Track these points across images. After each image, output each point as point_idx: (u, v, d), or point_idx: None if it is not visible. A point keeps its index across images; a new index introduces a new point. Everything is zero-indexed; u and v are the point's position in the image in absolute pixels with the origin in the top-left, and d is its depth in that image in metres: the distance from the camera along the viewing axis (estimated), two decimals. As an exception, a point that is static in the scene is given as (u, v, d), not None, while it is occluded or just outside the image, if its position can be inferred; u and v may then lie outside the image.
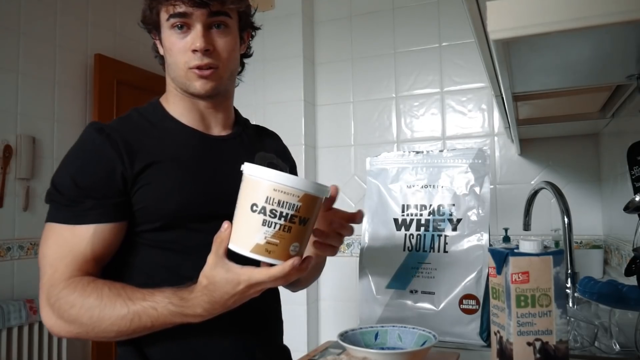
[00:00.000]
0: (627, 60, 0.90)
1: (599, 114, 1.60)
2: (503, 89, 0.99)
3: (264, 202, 0.67)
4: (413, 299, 1.06)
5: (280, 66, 2.42)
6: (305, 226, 0.69)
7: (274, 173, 0.67)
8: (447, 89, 2.30)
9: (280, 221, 0.67)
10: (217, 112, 0.95)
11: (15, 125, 2.20)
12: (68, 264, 0.80)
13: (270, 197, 0.66)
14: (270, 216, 0.67)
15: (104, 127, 0.87)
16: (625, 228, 1.57)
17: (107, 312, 0.76)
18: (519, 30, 0.57)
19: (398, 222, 1.12)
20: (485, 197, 1.06)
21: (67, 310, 0.77)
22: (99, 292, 0.77)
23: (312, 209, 0.69)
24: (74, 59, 2.49)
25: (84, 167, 0.83)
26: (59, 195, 0.82)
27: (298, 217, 0.67)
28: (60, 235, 0.81)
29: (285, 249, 0.68)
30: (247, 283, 0.69)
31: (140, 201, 0.83)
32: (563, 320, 0.71)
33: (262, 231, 0.67)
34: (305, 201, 0.67)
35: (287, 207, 0.67)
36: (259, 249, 0.67)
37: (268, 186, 0.67)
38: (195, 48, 0.84)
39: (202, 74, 0.86)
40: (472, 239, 1.05)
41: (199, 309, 0.73)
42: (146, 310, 0.75)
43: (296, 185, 0.67)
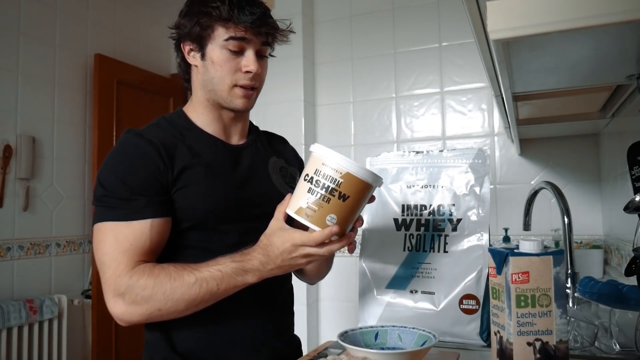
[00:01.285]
0: (627, 60, 0.90)
1: (599, 114, 1.60)
2: (503, 89, 0.99)
3: (313, 173, 0.78)
4: (413, 299, 1.06)
5: (280, 66, 2.42)
6: (345, 202, 0.77)
7: (328, 151, 0.78)
8: (447, 89, 2.30)
9: (321, 191, 0.77)
10: (238, 123, 1.05)
11: (15, 125, 2.20)
12: (131, 256, 0.86)
13: (319, 170, 0.78)
14: (315, 185, 0.78)
15: (142, 132, 0.94)
16: (625, 228, 1.57)
17: (177, 284, 0.83)
18: (519, 30, 0.57)
19: (398, 222, 1.12)
20: (485, 197, 1.06)
21: (139, 293, 0.84)
22: (166, 270, 0.85)
23: (354, 189, 0.77)
24: (74, 59, 2.49)
25: (132, 168, 0.89)
26: (109, 196, 0.88)
27: (338, 191, 0.77)
28: (119, 231, 0.87)
29: (322, 216, 0.77)
30: (293, 241, 0.80)
31: (179, 200, 0.91)
32: (563, 320, 0.71)
33: (306, 197, 0.78)
34: (348, 179, 0.77)
35: (329, 180, 0.77)
36: (301, 211, 0.79)
37: (319, 161, 0.78)
38: (249, 70, 0.95)
39: (247, 93, 0.97)
40: (472, 239, 1.05)
41: (255, 262, 0.83)
42: (212, 274, 0.84)
43: (342, 163, 0.77)
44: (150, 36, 2.95)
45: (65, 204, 2.43)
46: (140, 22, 2.88)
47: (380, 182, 0.80)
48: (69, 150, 2.46)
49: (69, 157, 2.46)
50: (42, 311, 2.14)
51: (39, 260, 2.27)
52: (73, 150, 2.48)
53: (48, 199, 2.33)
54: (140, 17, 2.88)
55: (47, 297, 2.19)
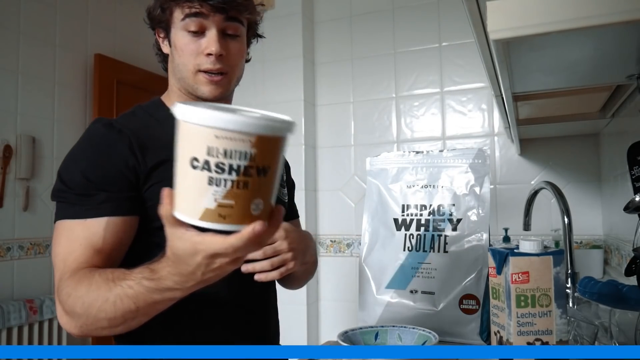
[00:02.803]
0: (627, 60, 0.90)
1: (599, 114, 1.60)
2: (503, 89, 0.99)
3: (206, 155, 0.51)
4: (413, 299, 1.06)
5: (280, 66, 2.42)
6: (267, 177, 0.54)
7: (214, 114, 0.50)
8: (447, 89, 2.30)
9: (231, 176, 0.51)
10: None
11: (15, 125, 2.20)
12: (77, 257, 0.77)
13: (214, 147, 0.51)
14: (218, 172, 0.51)
15: (112, 122, 0.85)
16: (625, 228, 1.57)
17: (93, 297, 0.70)
18: (519, 30, 0.57)
19: (398, 222, 1.12)
20: (485, 197, 1.06)
21: (66, 301, 0.74)
22: (89, 279, 0.73)
23: (272, 153, 0.54)
24: (74, 59, 2.49)
25: (95, 161, 0.81)
26: (68, 191, 0.80)
27: (255, 167, 0.52)
28: (72, 230, 0.79)
29: (244, 209, 0.53)
30: (204, 253, 0.57)
31: (152, 198, 0.82)
32: (563, 320, 0.71)
33: (209, 192, 0.52)
34: (261, 145, 0.52)
35: (237, 157, 0.51)
36: (210, 215, 0.52)
37: (208, 133, 0.51)
38: (210, 52, 0.84)
39: (213, 79, 0.86)
40: (472, 239, 1.05)
41: (169, 282, 0.64)
42: (125, 291, 0.68)
43: (245, 127, 0.50)
44: (150, 36, 2.95)
45: (65, 204, 2.43)
46: (140, 22, 2.86)
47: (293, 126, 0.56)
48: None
49: (69, 157, 2.46)
50: (42, 311, 2.13)
51: (39, 260, 2.27)
52: (73, 150, 2.49)
53: (48, 199, 2.33)
54: (140, 17, 2.86)
55: (47, 297, 2.19)
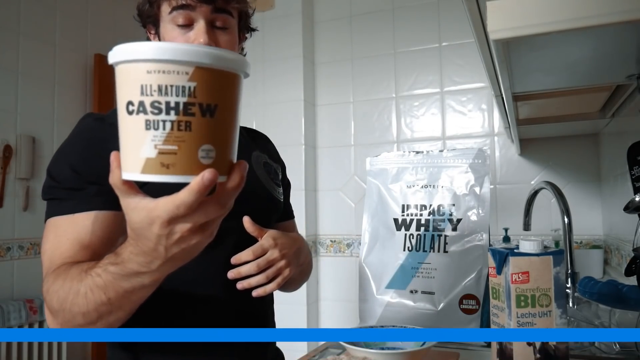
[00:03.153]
0: (627, 60, 0.90)
1: (599, 114, 1.60)
2: (503, 89, 0.99)
3: (139, 95, 0.45)
4: (413, 299, 1.06)
5: (280, 66, 2.42)
6: (216, 118, 0.47)
7: (141, 46, 0.45)
8: (447, 89, 2.30)
9: (169, 117, 0.45)
10: None
11: (15, 125, 2.20)
12: (63, 252, 0.75)
13: (147, 84, 0.45)
14: (154, 112, 0.45)
15: (104, 117, 0.83)
16: (625, 228, 1.57)
17: (67, 290, 0.66)
18: (519, 30, 0.57)
19: (398, 222, 1.12)
20: (485, 197, 1.06)
21: (45, 298, 0.71)
22: (66, 273, 0.69)
23: (221, 90, 0.47)
24: (74, 59, 2.49)
25: (85, 154, 0.79)
26: (58, 186, 0.78)
27: (197, 104, 0.45)
28: (60, 227, 0.77)
29: (190, 156, 0.46)
30: (160, 220, 0.49)
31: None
32: (563, 320, 0.71)
33: (148, 138, 0.45)
34: (203, 78, 0.45)
35: (174, 92, 0.45)
36: (152, 165, 0.45)
37: (139, 69, 0.45)
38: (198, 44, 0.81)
39: None
40: (472, 239, 1.05)
41: (133, 264, 0.57)
42: (94, 280, 0.63)
43: (179, 55, 0.44)
44: (150, 36, 2.95)
45: (65, 204, 2.42)
46: (140, 22, 2.88)
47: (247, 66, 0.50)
48: (69, 150, 2.46)
49: (69, 157, 2.46)
50: (42, 311, 2.13)
51: (39, 260, 2.25)
52: (73, 150, 2.48)
53: (48, 199, 2.33)
54: (140, 17, 2.88)
55: (47, 297, 2.19)
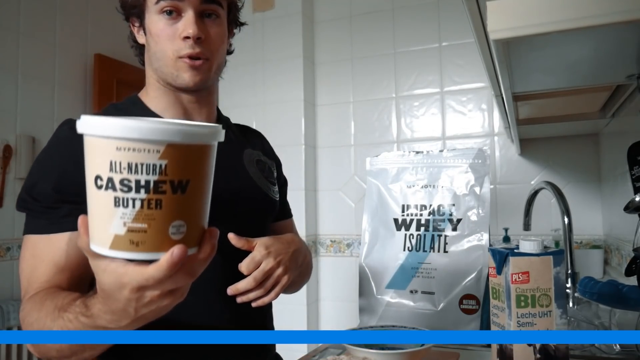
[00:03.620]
0: (627, 60, 0.90)
1: (599, 114, 1.61)
2: (503, 89, 0.99)
3: (109, 171, 0.44)
4: (413, 299, 1.06)
5: (280, 66, 2.42)
6: (188, 194, 0.46)
7: (113, 122, 0.43)
8: (447, 89, 2.30)
9: (139, 195, 0.44)
10: (201, 107, 0.89)
11: (15, 125, 2.20)
12: (39, 275, 0.73)
13: (116, 160, 0.43)
14: (123, 190, 0.44)
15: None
16: (625, 228, 1.57)
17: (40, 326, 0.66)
18: (519, 30, 0.57)
19: (398, 222, 1.12)
20: (485, 197, 1.06)
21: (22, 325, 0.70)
22: (41, 304, 0.68)
23: (192, 165, 0.46)
24: (74, 59, 2.49)
25: (61, 169, 0.75)
26: (34, 202, 0.75)
27: (168, 181, 0.44)
28: (36, 246, 0.74)
29: (161, 234, 0.45)
30: (130, 287, 0.49)
31: None
32: (563, 320, 0.71)
33: (117, 215, 0.44)
34: (174, 156, 0.44)
35: (144, 170, 0.43)
36: (121, 242, 0.45)
37: (109, 146, 0.43)
38: (187, 35, 0.78)
39: (193, 64, 0.80)
40: (472, 239, 1.05)
41: (102, 321, 0.57)
42: (66, 324, 0.62)
43: (149, 134, 0.43)
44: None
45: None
46: (140, 22, 2.88)
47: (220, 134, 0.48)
48: (69, 150, 2.46)
49: (69, 157, 2.46)
50: (42, 311, 2.14)
51: (39, 260, 2.27)
52: (73, 150, 2.49)
53: (48, 199, 2.33)
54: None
55: (47, 297, 2.19)
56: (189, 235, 0.47)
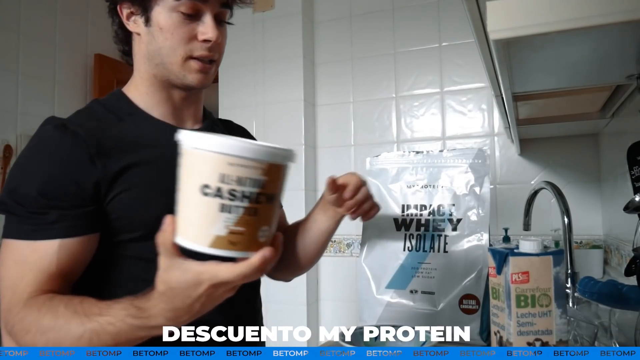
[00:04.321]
0: (627, 60, 0.90)
1: (599, 114, 1.60)
2: (503, 89, 0.99)
3: (218, 182, 0.52)
4: (413, 299, 1.06)
5: (280, 66, 2.42)
6: (273, 204, 0.55)
7: (227, 142, 0.51)
8: (447, 89, 2.30)
9: (244, 203, 0.52)
10: (191, 105, 0.88)
11: (15, 125, 2.20)
12: (29, 283, 0.69)
13: (227, 174, 0.51)
14: (230, 199, 0.52)
15: (66, 123, 0.75)
16: (625, 228, 1.57)
17: (63, 334, 0.64)
18: (519, 30, 0.57)
19: (398, 222, 1.12)
20: (485, 197, 1.06)
21: (23, 337, 0.66)
22: (54, 311, 0.65)
23: (279, 181, 0.56)
24: (74, 59, 2.49)
25: (49, 173, 0.71)
26: (18, 206, 0.71)
27: (265, 194, 0.53)
28: (20, 252, 0.70)
29: (253, 236, 0.54)
30: (209, 282, 0.55)
31: (117, 209, 0.74)
32: (563, 320, 0.71)
33: (221, 219, 0.52)
34: (272, 173, 0.53)
35: (250, 184, 0.52)
36: (221, 242, 0.53)
37: (221, 160, 0.51)
38: (208, 38, 0.78)
39: (204, 67, 0.80)
40: (472, 239, 1.05)
41: (160, 319, 0.60)
42: (103, 327, 0.62)
43: (259, 155, 0.52)
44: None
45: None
46: (140, 22, 2.89)
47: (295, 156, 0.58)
48: (69, 150, 2.46)
49: (69, 157, 2.46)
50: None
51: (39, 260, 2.27)
52: (73, 150, 2.48)
53: (48, 199, 2.33)
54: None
55: (47, 297, 2.19)
56: (269, 238, 0.56)
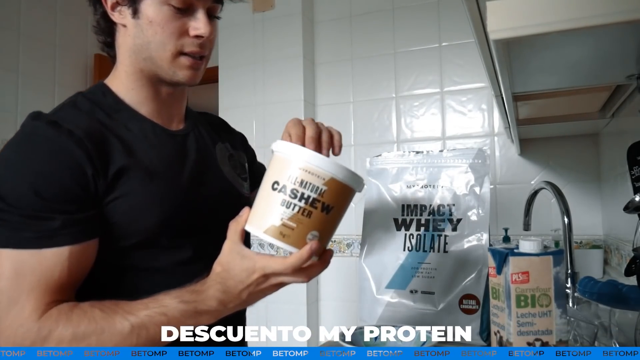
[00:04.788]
0: (627, 60, 0.90)
1: (599, 114, 1.60)
2: (503, 89, 0.99)
3: (286, 181, 0.62)
4: (413, 299, 1.06)
5: (280, 66, 2.42)
6: (329, 215, 0.63)
7: (302, 150, 0.63)
8: (447, 89, 2.30)
9: (300, 203, 0.61)
10: (176, 101, 0.85)
11: (15, 126, 2.19)
12: (40, 296, 0.64)
13: (294, 175, 0.62)
14: (291, 196, 0.61)
15: (58, 119, 0.69)
16: (625, 228, 1.57)
17: (107, 335, 0.63)
18: (519, 30, 0.57)
19: (398, 222, 1.12)
20: (485, 197, 1.06)
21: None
22: (89, 316, 0.64)
23: (339, 197, 0.63)
24: (74, 59, 2.49)
25: (48, 172, 0.66)
26: (10, 211, 0.64)
27: (321, 202, 0.62)
28: (22, 262, 0.63)
29: (302, 235, 0.62)
30: (262, 272, 0.62)
31: (112, 216, 0.70)
32: (563, 320, 0.71)
33: (279, 211, 0.61)
34: (332, 186, 0.62)
35: (310, 188, 0.61)
36: (273, 230, 0.62)
37: (293, 164, 0.62)
38: (200, 34, 0.75)
39: (195, 64, 0.77)
40: (472, 239, 1.05)
41: (213, 302, 0.64)
42: (153, 319, 0.63)
43: (323, 166, 0.61)
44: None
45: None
46: (140, 22, 2.88)
47: (362, 186, 0.67)
48: (69, 150, 2.46)
49: (69, 157, 2.46)
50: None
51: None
52: (73, 150, 2.48)
53: (48, 199, 2.33)
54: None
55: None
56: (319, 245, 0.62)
